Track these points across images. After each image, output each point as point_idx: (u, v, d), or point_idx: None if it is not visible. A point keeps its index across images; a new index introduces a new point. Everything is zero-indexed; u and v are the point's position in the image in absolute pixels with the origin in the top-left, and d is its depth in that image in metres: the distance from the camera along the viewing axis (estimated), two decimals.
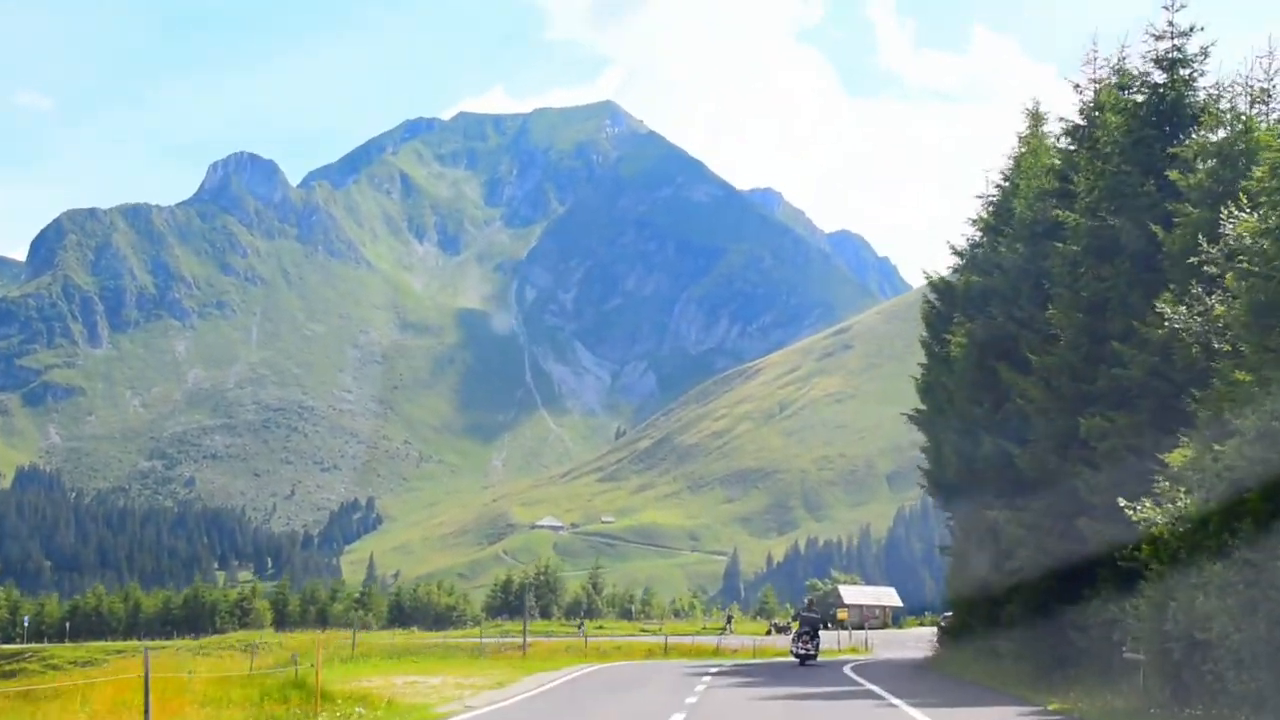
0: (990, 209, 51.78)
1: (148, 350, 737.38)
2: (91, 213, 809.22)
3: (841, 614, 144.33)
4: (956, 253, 54.49)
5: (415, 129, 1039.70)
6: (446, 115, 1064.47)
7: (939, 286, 56.73)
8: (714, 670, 54.39)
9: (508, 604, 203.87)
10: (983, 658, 44.17)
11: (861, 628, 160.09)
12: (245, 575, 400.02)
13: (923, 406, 61.35)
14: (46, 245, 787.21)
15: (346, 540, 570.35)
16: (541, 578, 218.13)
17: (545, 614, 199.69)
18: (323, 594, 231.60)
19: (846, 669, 54.01)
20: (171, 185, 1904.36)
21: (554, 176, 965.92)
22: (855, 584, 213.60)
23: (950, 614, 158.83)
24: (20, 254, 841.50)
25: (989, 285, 45.80)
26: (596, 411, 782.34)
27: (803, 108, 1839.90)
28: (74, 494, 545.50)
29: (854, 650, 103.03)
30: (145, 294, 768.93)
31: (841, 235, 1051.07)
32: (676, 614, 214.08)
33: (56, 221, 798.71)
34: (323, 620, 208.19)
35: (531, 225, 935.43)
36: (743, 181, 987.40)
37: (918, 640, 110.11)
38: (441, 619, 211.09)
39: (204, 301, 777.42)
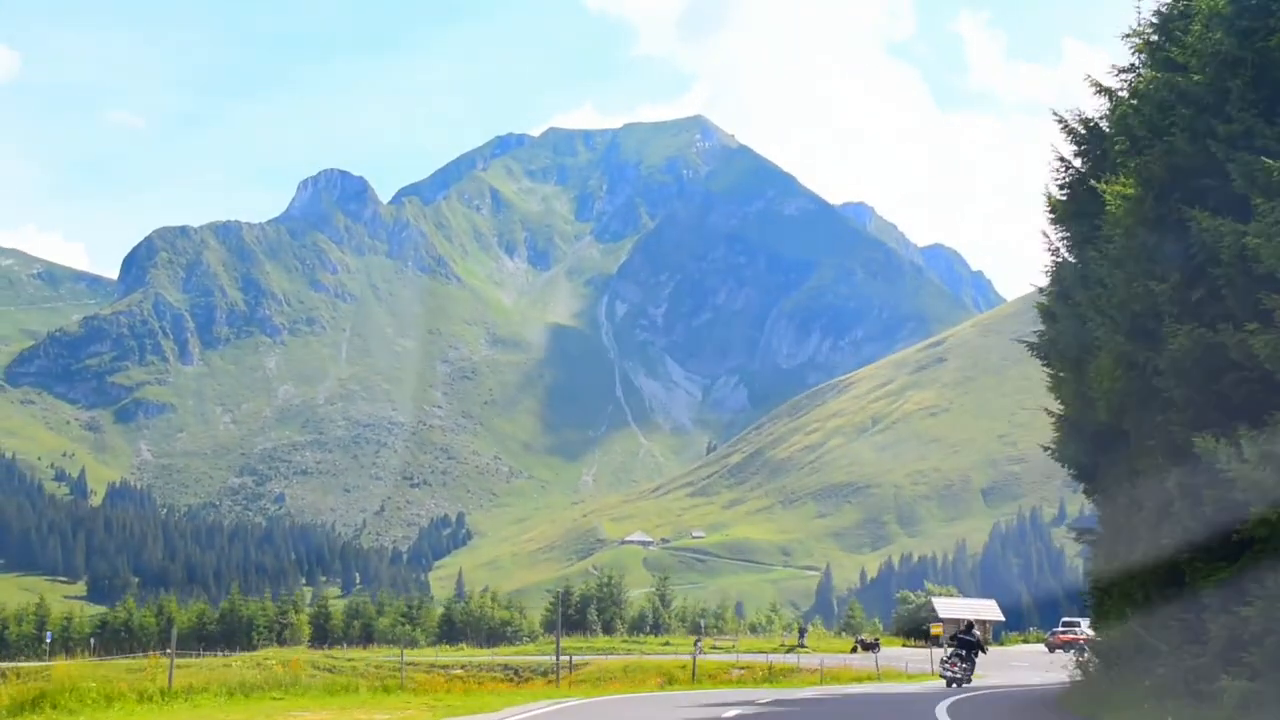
0: (1153, 27, 33.28)
1: (238, 367, 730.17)
2: (182, 230, 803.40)
3: (935, 629, 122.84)
4: (1102, 90, 35.46)
5: (505, 145, 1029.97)
6: (536, 131, 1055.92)
7: (1077, 130, 36.71)
8: (732, 713, 35.74)
9: (567, 618, 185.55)
10: (1174, 698, 24.95)
11: None
12: (333, 591, 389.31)
13: (1045, 329, 41.61)
14: (138, 263, 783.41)
15: (436, 556, 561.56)
16: (605, 590, 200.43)
17: (608, 629, 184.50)
18: (369, 608, 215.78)
19: (941, 710, 35.59)
20: (261, 203, 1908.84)
21: (644, 191, 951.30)
22: (951, 596, 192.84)
23: (1077, 623, 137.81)
24: (112, 272, 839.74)
25: (1172, 89, 27.52)
26: (687, 426, 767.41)
27: (894, 122, 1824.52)
28: (164, 510, 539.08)
29: None
30: (236, 311, 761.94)
31: (935, 249, 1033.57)
32: (754, 629, 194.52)
33: (148, 239, 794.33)
34: (367, 636, 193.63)
35: (622, 240, 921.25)
36: (834, 195, 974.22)
37: (1029, 662, 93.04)
38: (495, 635, 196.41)
39: (294, 318, 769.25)
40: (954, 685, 58.05)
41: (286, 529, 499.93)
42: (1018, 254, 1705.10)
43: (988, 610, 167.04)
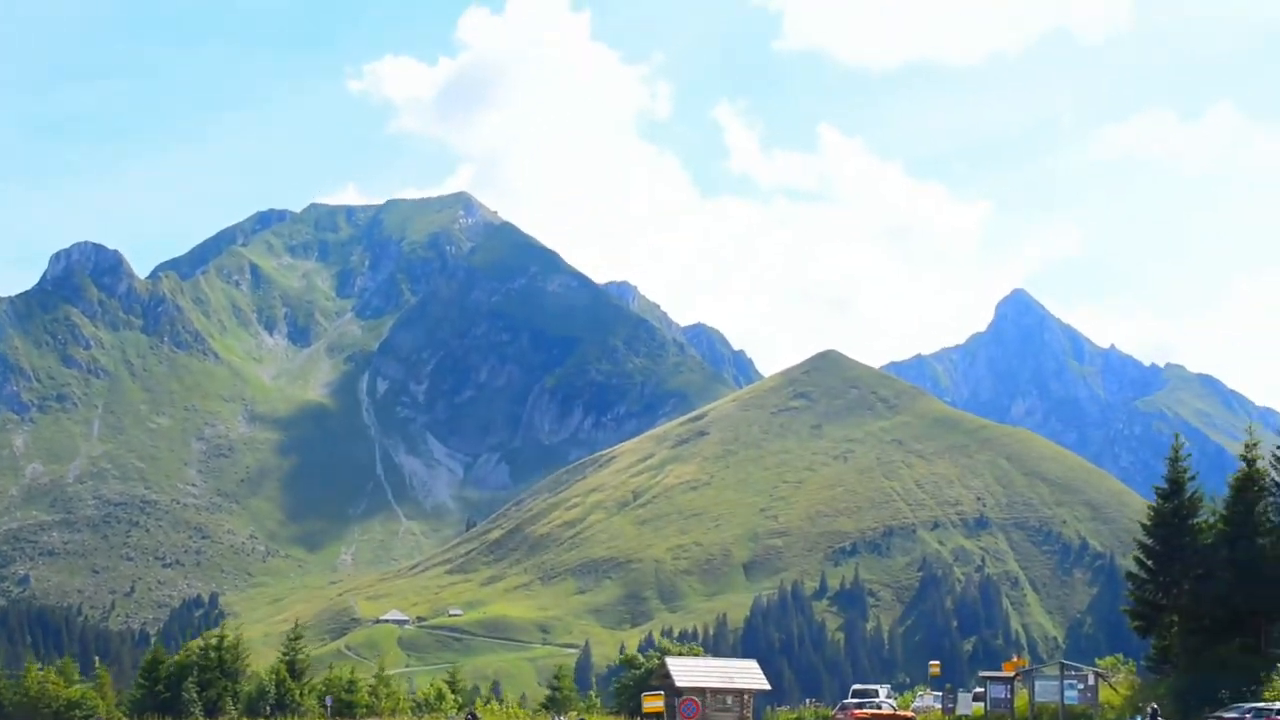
0: None
1: None
2: None
3: (651, 703, 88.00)
4: None
5: (266, 220, 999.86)
6: (298, 207, 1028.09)
7: None
8: None
9: (155, 696, 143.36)
10: None
11: None
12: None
13: None
14: None
15: (187, 638, 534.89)
16: (210, 657, 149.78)
17: (212, 710, 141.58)
18: None
19: None
20: (10, 277, 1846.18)
21: (406, 267, 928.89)
22: (696, 655, 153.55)
23: (873, 692, 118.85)
24: None
25: None
26: (449, 504, 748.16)
27: (656, 203, 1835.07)
28: None
29: None
30: None
31: (697, 329, 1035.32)
32: (420, 707, 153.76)
33: None
34: None
35: (383, 316, 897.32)
36: (598, 274, 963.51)
37: None
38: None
39: (44, 395, 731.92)
40: None
41: (23, 612, 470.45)
42: (777, 333, 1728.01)
43: (746, 674, 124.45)
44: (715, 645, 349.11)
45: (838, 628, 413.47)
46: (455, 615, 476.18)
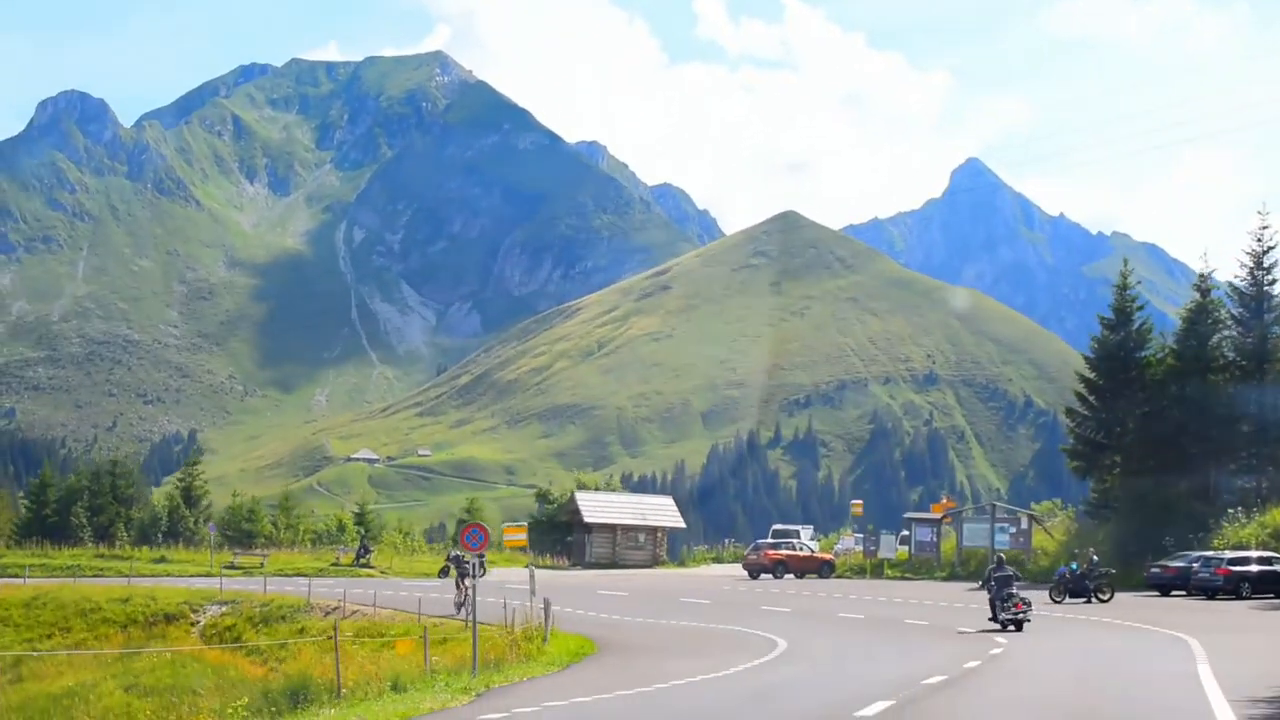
0: None
1: None
2: None
3: (512, 535, 69.33)
4: None
5: (249, 74, 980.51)
6: (279, 62, 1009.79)
7: None
8: None
9: (42, 522, 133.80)
10: None
11: (614, 564, 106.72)
12: None
13: None
14: None
15: (166, 472, 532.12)
16: (105, 480, 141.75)
17: (104, 535, 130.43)
18: None
19: None
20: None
21: (384, 122, 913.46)
22: (614, 491, 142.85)
23: (794, 534, 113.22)
24: None
25: None
26: (421, 350, 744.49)
27: (626, 68, 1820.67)
28: None
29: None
30: None
31: (663, 188, 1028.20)
32: (317, 540, 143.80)
33: None
34: None
35: (361, 169, 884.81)
36: (568, 134, 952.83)
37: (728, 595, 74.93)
38: None
39: (30, 236, 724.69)
40: (1009, 628, 48.05)
41: (7, 444, 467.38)
42: (740, 195, 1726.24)
43: (659, 511, 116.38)
44: (673, 489, 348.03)
45: (790, 475, 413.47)
46: (424, 455, 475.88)
